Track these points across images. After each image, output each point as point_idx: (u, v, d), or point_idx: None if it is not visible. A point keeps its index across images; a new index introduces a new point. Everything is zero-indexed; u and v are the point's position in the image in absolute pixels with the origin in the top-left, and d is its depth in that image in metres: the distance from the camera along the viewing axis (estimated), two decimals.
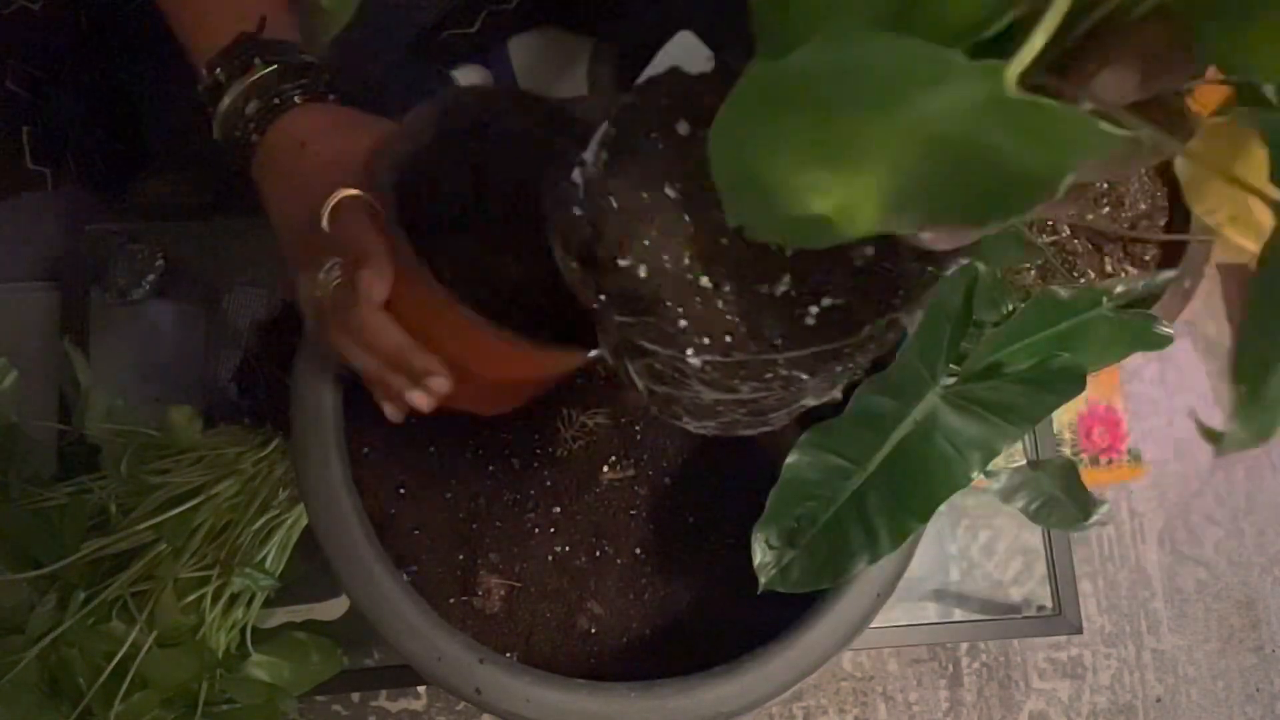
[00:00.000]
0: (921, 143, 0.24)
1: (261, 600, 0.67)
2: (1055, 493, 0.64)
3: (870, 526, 0.51)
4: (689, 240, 0.35)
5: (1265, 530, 1.05)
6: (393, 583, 0.55)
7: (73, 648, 0.61)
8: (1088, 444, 0.98)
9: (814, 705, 0.95)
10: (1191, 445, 1.06)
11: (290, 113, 0.49)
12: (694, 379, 0.37)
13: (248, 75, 0.49)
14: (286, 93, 0.49)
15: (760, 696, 0.55)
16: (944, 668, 0.98)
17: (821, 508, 0.52)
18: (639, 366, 0.39)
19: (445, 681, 0.54)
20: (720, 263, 0.35)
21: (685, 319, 0.35)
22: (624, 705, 0.54)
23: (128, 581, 0.63)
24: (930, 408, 0.51)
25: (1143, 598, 1.02)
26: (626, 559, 0.67)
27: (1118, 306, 0.57)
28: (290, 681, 0.68)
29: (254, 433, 0.71)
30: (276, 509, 0.67)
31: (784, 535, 0.52)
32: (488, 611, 0.65)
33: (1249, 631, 1.03)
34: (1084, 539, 1.02)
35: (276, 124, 0.49)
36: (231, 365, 0.84)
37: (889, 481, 0.51)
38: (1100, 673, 1.00)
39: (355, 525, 0.55)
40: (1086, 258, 0.74)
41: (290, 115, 0.49)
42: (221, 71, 0.49)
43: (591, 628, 0.65)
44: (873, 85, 0.23)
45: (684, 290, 0.35)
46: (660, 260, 0.35)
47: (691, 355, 0.35)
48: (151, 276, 0.82)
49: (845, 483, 0.52)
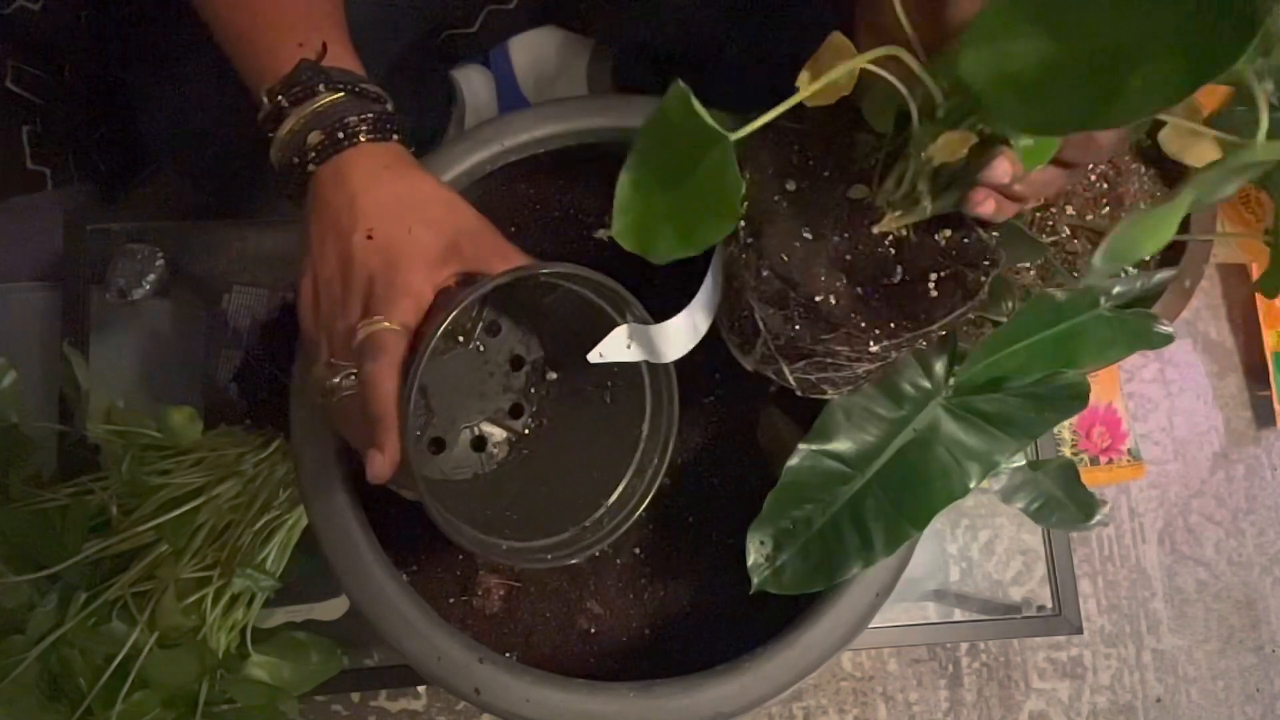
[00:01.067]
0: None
1: (262, 601, 0.67)
2: (1055, 493, 0.64)
3: (866, 531, 0.51)
4: (835, 265, 0.47)
5: (1265, 530, 1.05)
6: (393, 583, 0.55)
7: (73, 648, 0.61)
8: (1088, 444, 0.98)
9: (814, 705, 0.96)
10: (1191, 445, 1.06)
11: (350, 151, 0.49)
12: (861, 363, 0.48)
13: (310, 103, 0.49)
14: (351, 126, 0.49)
15: (760, 696, 0.55)
16: (944, 668, 0.98)
17: (818, 511, 0.52)
18: (798, 367, 0.50)
19: (445, 681, 0.54)
20: (857, 274, 0.47)
21: (864, 323, 0.46)
22: (624, 705, 0.54)
23: (128, 582, 0.63)
24: (932, 417, 0.51)
25: (1143, 598, 1.02)
26: (626, 559, 0.67)
27: (1117, 306, 0.57)
28: (290, 682, 0.68)
29: (254, 433, 0.71)
30: (277, 510, 0.67)
31: (779, 537, 0.52)
32: (487, 611, 0.65)
33: (1249, 631, 1.03)
34: (1084, 539, 1.02)
35: (335, 159, 0.48)
36: (232, 365, 0.84)
37: (887, 488, 0.51)
38: (1100, 673, 1.00)
39: (355, 525, 0.55)
40: (1086, 258, 0.74)
41: (350, 154, 0.49)
42: (283, 98, 0.49)
43: (591, 628, 0.65)
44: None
45: (854, 302, 0.47)
46: (835, 286, 0.47)
47: (873, 346, 0.46)
48: (151, 276, 0.82)
49: (843, 487, 0.52)
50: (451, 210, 0.49)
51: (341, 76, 0.50)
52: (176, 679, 0.62)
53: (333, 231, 0.48)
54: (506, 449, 0.58)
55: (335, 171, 0.49)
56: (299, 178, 0.49)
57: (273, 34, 0.50)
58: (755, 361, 0.52)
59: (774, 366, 0.51)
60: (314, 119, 0.49)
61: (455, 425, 0.56)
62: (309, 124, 0.49)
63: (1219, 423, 1.07)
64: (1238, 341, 1.08)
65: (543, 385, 0.58)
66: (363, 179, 0.48)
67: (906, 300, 0.47)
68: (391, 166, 0.49)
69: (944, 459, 0.50)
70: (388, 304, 0.45)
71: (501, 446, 0.58)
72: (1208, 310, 1.09)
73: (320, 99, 0.49)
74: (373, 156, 0.49)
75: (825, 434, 0.51)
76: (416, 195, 0.49)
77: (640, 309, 0.49)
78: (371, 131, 0.49)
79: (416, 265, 0.46)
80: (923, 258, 0.47)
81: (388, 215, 0.47)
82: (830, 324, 0.47)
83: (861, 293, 0.47)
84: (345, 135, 0.49)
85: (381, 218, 0.47)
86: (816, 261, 0.47)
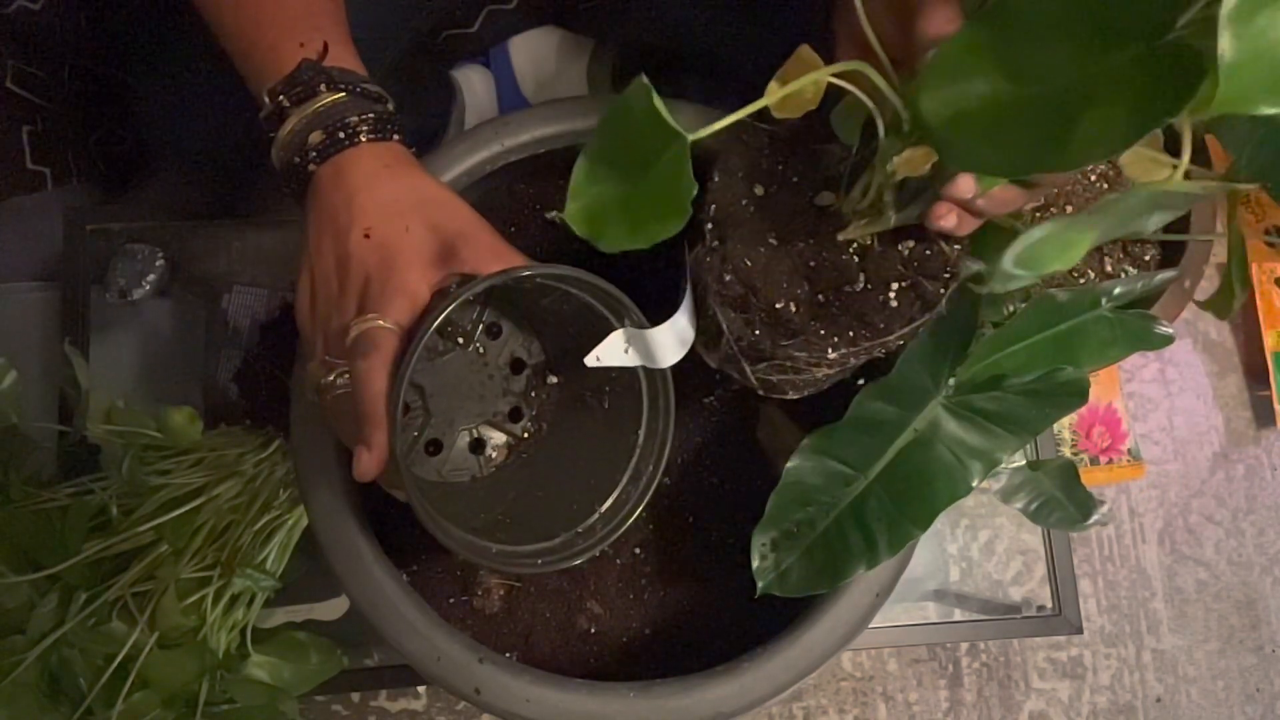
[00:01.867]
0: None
1: (262, 601, 0.67)
2: (1055, 493, 0.64)
3: (869, 533, 0.51)
4: (798, 272, 0.48)
5: (1265, 530, 1.05)
6: (393, 583, 0.55)
7: (74, 649, 0.61)
8: (1088, 444, 0.98)
9: (814, 705, 0.96)
10: (1191, 445, 1.06)
11: (350, 151, 0.49)
12: (820, 367, 0.50)
13: (311, 102, 0.49)
14: (352, 126, 0.49)
15: (760, 696, 0.55)
16: (944, 668, 0.98)
17: (821, 513, 0.52)
18: (760, 368, 0.51)
19: (445, 681, 0.54)
20: (819, 281, 0.48)
21: (823, 330, 0.48)
22: (624, 705, 0.54)
23: (129, 582, 0.63)
24: (932, 416, 0.51)
25: (1143, 598, 1.02)
26: (626, 559, 0.67)
27: (1117, 307, 0.57)
28: (290, 682, 0.68)
29: (255, 434, 0.71)
30: (277, 510, 0.67)
31: (783, 539, 0.53)
32: (487, 611, 0.65)
33: (1249, 631, 1.03)
34: (1084, 539, 1.02)
35: (336, 158, 0.48)
36: (232, 365, 0.84)
37: (889, 488, 0.51)
38: (1100, 673, 1.00)
39: (355, 525, 0.55)
40: (1086, 258, 0.74)
41: (350, 154, 0.49)
42: (285, 98, 0.49)
43: (591, 627, 0.65)
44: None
45: (814, 310, 0.48)
46: (796, 294, 0.48)
47: (831, 353, 0.48)
48: (151, 276, 0.82)
49: (846, 489, 0.52)
50: (450, 210, 0.49)
51: (343, 76, 0.50)
52: (176, 679, 0.62)
53: (330, 230, 0.48)
54: (505, 452, 0.58)
55: (335, 171, 0.49)
56: (300, 177, 0.49)
57: (274, 34, 0.50)
58: (719, 360, 0.53)
59: (736, 366, 0.52)
60: (315, 119, 0.49)
61: (453, 427, 0.56)
62: (310, 124, 0.49)
63: (1219, 423, 1.07)
64: (1238, 341, 1.08)
65: (543, 389, 0.58)
66: (362, 178, 0.48)
67: (867, 309, 0.48)
68: (391, 166, 0.49)
69: (945, 458, 0.50)
70: (382, 302, 0.45)
71: (500, 450, 0.58)
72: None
73: (321, 99, 0.49)
74: (373, 156, 0.49)
75: (825, 434, 0.51)
76: (415, 195, 0.49)
77: (638, 314, 0.49)
78: (372, 131, 0.49)
79: (412, 264, 0.46)
80: (885, 267, 0.48)
81: (385, 214, 0.47)
82: (790, 331, 0.48)
83: (823, 300, 0.48)
84: (346, 135, 0.49)
85: (379, 216, 0.47)
86: (779, 268, 0.48)
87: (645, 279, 0.54)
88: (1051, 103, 0.32)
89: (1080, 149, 0.31)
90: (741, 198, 0.49)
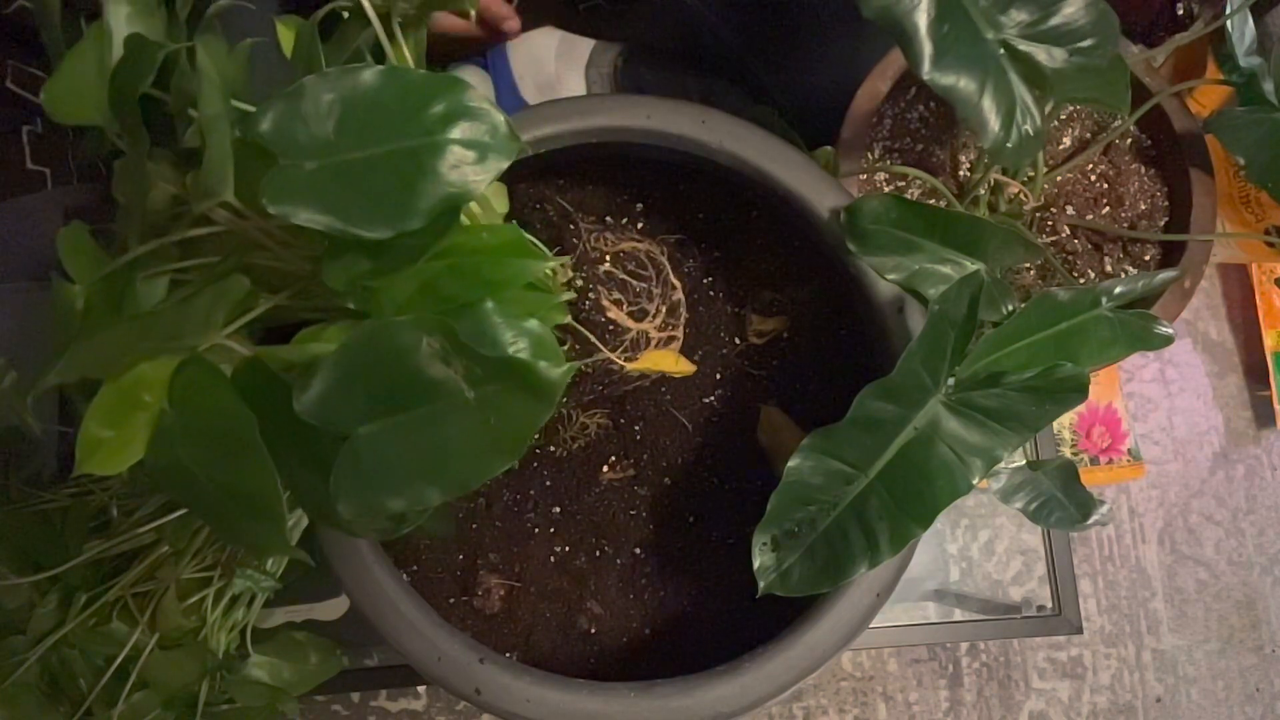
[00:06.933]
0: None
1: (262, 601, 0.67)
2: (1055, 493, 0.64)
3: (871, 532, 0.51)
4: None
5: (1265, 530, 1.05)
6: (393, 583, 0.55)
7: (74, 649, 0.61)
8: (1088, 444, 0.98)
9: (814, 705, 0.96)
10: (1191, 445, 1.06)
11: None
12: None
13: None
14: None
15: (760, 696, 0.55)
16: (944, 668, 0.98)
17: (822, 512, 0.52)
18: None
19: (445, 681, 0.54)
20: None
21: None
22: (624, 705, 0.54)
23: (129, 583, 0.63)
24: (933, 414, 0.51)
25: (1143, 598, 1.02)
26: (626, 559, 0.67)
27: (1117, 306, 0.57)
28: (290, 682, 0.68)
29: None
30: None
31: (784, 538, 0.52)
32: (488, 611, 0.65)
33: (1249, 631, 1.03)
34: (1084, 539, 1.02)
35: None
36: None
37: (891, 487, 0.51)
38: (1100, 673, 1.00)
39: None
40: (1086, 258, 0.74)
41: None
42: None
43: (591, 628, 0.65)
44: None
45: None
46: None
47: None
48: None
49: (847, 488, 0.52)
50: None
51: None
52: (177, 680, 0.62)
53: None
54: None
55: None
56: None
57: None
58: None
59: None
60: None
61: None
62: None
63: (1219, 423, 1.07)
64: (1238, 341, 1.08)
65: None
66: None
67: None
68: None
69: (946, 456, 0.50)
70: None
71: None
72: (1208, 310, 1.09)
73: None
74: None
75: (825, 434, 0.51)
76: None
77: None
78: None
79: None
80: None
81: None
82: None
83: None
84: None
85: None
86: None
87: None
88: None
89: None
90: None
